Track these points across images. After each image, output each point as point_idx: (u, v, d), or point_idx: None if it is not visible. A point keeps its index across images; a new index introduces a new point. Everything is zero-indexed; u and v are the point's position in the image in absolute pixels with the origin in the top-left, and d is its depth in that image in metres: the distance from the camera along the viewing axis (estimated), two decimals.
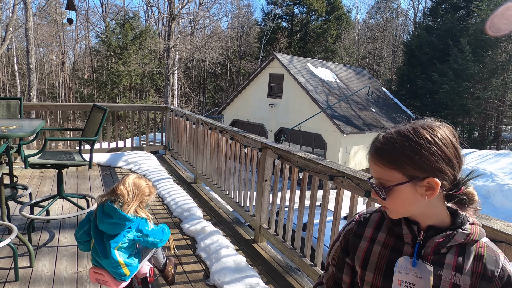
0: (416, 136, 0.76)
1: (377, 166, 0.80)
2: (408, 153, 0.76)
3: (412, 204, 0.79)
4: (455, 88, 19.28)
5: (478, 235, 0.81)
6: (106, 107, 3.00)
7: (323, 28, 31.87)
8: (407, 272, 0.82)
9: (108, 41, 26.90)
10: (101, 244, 1.83)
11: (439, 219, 0.82)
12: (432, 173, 0.76)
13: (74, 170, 5.09)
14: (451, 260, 0.80)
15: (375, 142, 0.82)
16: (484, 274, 0.79)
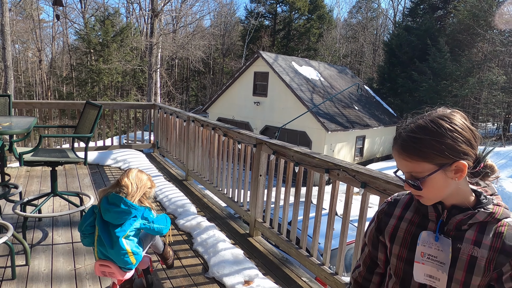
0: (437, 127, 0.84)
1: (406, 161, 0.86)
2: (434, 144, 0.83)
3: (445, 188, 0.86)
4: (433, 86, 19.88)
5: (501, 215, 0.86)
6: (101, 104, 2.99)
7: (306, 27, 32.17)
8: (430, 245, 0.90)
9: (88, 38, 26.28)
10: (107, 235, 1.89)
11: (463, 199, 0.88)
12: (458, 157, 0.83)
13: (62, 169, 5.01)
14: (471, 235, 0.86)
15: (399, 139, 0.87)
16: (503, 249, 0.83)
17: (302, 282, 2.56)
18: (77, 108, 5.60)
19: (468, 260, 0.85)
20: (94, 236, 1.97)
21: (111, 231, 1.88)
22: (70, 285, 2.35)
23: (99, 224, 1.91)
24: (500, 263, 0.83)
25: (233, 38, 37.67)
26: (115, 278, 1.99)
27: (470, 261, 0.85)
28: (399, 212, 1.00)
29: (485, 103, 19.82)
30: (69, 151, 3.12)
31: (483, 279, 0.85)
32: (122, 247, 1.88)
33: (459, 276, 0.86)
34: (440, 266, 0.88)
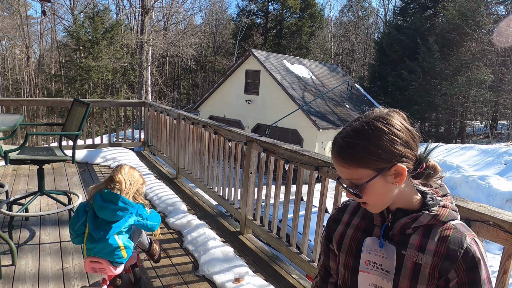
0: (372, 130, 0.79)
1: (343, 168, 0.81)
2: (369, 148, 0.78)
3: (387, 194, 0.81)
4: (423, 85, 20.13)
5: (445, 217, 0.82)
6: (89, 101, 2.94)
7: (298, 25, 32.20)
8: (374, 252, 0.85)
9: (77, 35, 25.91)
10: (99, 231, 1.89)
11: (407, 202, 0.84)
12: (396, 160, 0.79)
13: (50, 167, 4.94)
14: (415, 240, 0.82)
15: (335, 145, 0.83)
16: (447, 254, 0.78)
17: (292, 279, 2.57)
18: (66, 106, 5.52)
19: (413, 268, 0.81)
20: (84, 235, 1.96)
21: (103, 228, 1.89)
22: (57, 285, 2.32)
23: (90, 221, 1.91)
24: (445, 270, 0.79)
25: (225, 36, 37.53)
26: (105, 274, 1.99)
27: (415, 269, 0.81)
28: (346, 218, 0.96)
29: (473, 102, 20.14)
30: (56, 149, 3.07)
31: (429, 287, 0.80)
32: (115, 243, 1.91)
33: (403, 285, 0.82)
34: (385, 275, 0.84)
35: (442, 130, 22.56)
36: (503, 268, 1.45)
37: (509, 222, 1.37)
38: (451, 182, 11.06)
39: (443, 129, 22.54)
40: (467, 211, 1.52)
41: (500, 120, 24.40)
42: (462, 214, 1.54)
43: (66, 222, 3.25)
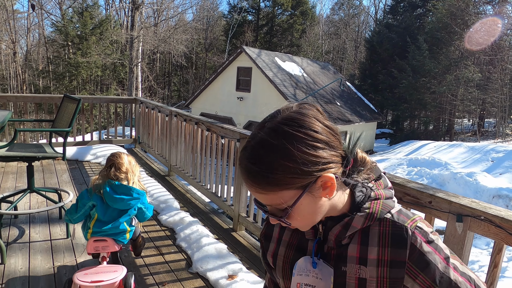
0: (285, 138, 0.61)
1: (261, 194, 0.64)
2: (287, 165, 0.61)
3: (319, 210, 0.67)
4: (413, 83, 20.36)
5: (380, 212, 0.69)
6: (80, 97, 2.90)
7: (289, 23, 32.22)
8: (307, 273, 0.72)
9: (65, 30, 25.45)
10: (110, 219, 2.07)
11: (336, 208, 0.70)
12: (320, 169, 0.63)
13: (39, 165, 4.86)
14: (353, 251, 0.69)
15: (242, 167, 0.65)
16: (392, 260, 0.67)
17: None
18: (55, 102, 5.42)
19: (357, 285, 0.69)
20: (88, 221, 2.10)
21: (115, 216, 2.07)
22: (48, 283, 2.29)
23: (100, 210, 2.05)
24: (397, 279, 0.67)
25: (216, 33, 37.33)
26: (105, 252, 2.15)
27: (360, 286, 0.69)
28: (277, 233, 0.81)
29: (461, 100, 20.46)
30: (46, 146, 3.02)
31: None
32: (124, 227, 2.11)
33: None
34: None
35: (431, 127, 22.87)
36: (494, 262, 1.48)
37: (500, 217, 1.40)
38: (439, 179, 11.23)
39: (432, 127, 22.86)
40: (459, 206, 1.54)
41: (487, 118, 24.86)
42: (454, 210, 1.56)
43: (56, 220, 3.21)
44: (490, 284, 1.49)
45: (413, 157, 13.43)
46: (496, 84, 19.71)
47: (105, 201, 2.05)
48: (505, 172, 11.06)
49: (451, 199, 1.58)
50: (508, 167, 11.27)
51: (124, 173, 2.08)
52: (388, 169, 12.10)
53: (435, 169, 11.70)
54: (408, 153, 14.85)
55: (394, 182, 1.82)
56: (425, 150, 14.79)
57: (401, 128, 23.55)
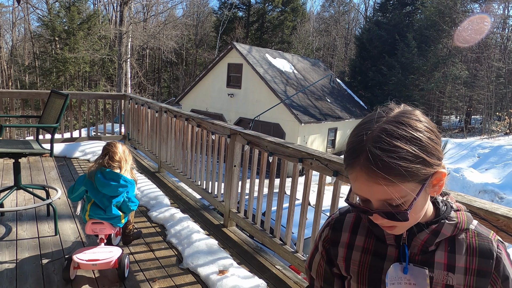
0: (413, 130, 0.63)
1: (380, 186, 0.62)
2: (417, 154, 0.62)
3: (424, 207, 0.67)
4: (402, 80, 20.60)
5: (466, 223, 0.72)
6: (67, 93, 2.85)
7: (280, 19, 32.19)
8: (399, 281, 0.71)
9: (52, 25, 24.97)
10: (103, 204, 2.24)
11: (425, 215, 0.71)
12: (437, 164, 0.64)
13: (26, 161, 4.77)
14: (441, 258, 0.70)
15: (366, 155, 0.62)
16: (479, 270, 0.70)
17: (276, 270, 2.60)
18: (42, 98, 5.32)
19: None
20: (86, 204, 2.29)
21: (106, 201, 2.23)
22: (36, 281, 2.26)
23: (93, 194, 2.22)
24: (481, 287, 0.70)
25: (206, 29, 37.08)
26: (103, 234, 2.33)
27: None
28: (347, 238, 0.79)
29: (449, 97, 20.79)
30: (33, 142, 2.97)
31: None
32: (117, 213, 2.29)
33: None
34: None
35: None
36: None
37: (484, 209, 1.44)
38: None
39: None
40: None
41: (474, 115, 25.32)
42: None
43: (44, 217, 3.16)
44: None
45: None
46: (482, 81, 20.07)
47: (95, 187, 2.21)
48: (491, 168, 11.30)
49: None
50: (494, 162, 11.52)
51: (117, 162, 2.25)
52: None
53: None
54: None
55: None
56: None
57: None
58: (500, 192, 9.57)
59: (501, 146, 12.48)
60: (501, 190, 9.67)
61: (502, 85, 19.99)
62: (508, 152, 11.69)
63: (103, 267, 2.26)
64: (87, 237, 2.85)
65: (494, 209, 1.42)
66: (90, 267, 2.26)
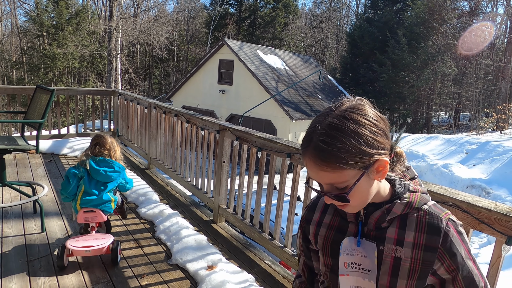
0: (353, 123, 0.71)
1: (325, 172, 0.72)
2: (355, 146, 0.70)
3: (370, 191, 0.76)
4: (392, 77, 20.77)
5: (418, 202, 0.78)
6: (53, 88, 2.81)
7: (272, 16, 32.10)
8: (352, 252, 0.81)
9: (40, 20, 24.51)
10: (95, 190, 2.37)
11: (379, 194, 0.79)
12: (378, 154, 0.73)
13: (12, 158, 4.69)
14: (392, 233, 0.78)
15: (311, 146, 0.72)
16: (426, 245, 0.76)
17: (265, 264, 2.61)
18: (28, 94, 5.23)
19: (392, 263, 0.78)
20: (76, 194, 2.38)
21: (99, 187, 2.38)
22: (22, 278, 2.23)
23: (85, 182, 2.35)
24: (428, 262, 0.76)
25: (198, 25, 36.80)
26: (94, 222, 2.47)
27: (394, 264, 0.78)
28: (317, 217, 0.91)
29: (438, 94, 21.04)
30: (19, 138, 2.92)
31: (409, 282, 0.77)
32: (108, 198, 2.43)
33: (384, 281, 0.79)
34: (366, 274, 0.80)
35: (410, 120, 23.46)
36: None
37: (466, 202, 1.46)
38: (417, 170, 11.57)
39: (411, 120, 23.45)
40: (429, 193, 1.60)
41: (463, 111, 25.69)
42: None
43: (30, 214, 3.12)
44: None
45: None
46: (471, 78, 20.35)
47: (90, 174, 2.36)
48: (479, 163, 11.49)
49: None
50: (481, 158, 11.71)
51: (107, 150, 2.42)
52: None
53: (413, 161, 12.03)
54: None
55: None
56: (403, 142, 15.16)
57: None
58: (487, 187, 9.75)
59: (489, 142, 12.69)
60: (488, 185, 9.84)
61: (490, 82, 20.30)
62: (495, 148, 11.90)
63: (96, 253, 2.36)
64: (74, 233, 2.82)
65: (476, 201, 1.45)
66: (84, 254, 2.35)
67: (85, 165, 2.36)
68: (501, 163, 10.89)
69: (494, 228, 1.38)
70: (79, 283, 2.23)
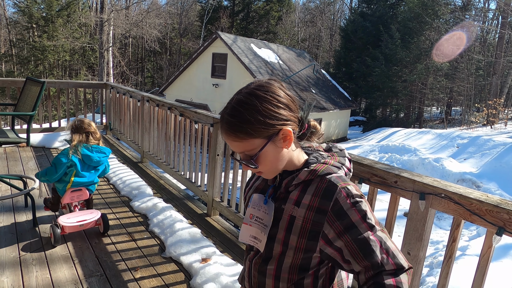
0: (256, 99, 0.82)
1: (235, 142, 0.84)
2: (257, 117, 0.81)
3: (279, 158, 0.86)
4: (385, 71, 20.83)
5: (322, 171, 0.87)
6: (44, 80, 2.76)
7: (266, 9, 31.87)
8: (259, 208, 0.92)
9: (29, 11, 24.01)
10: (87, 173, 2.62)
11: (293, 164, 0.89)
12: (282, 124, 0.83)
13: (2, 152, 4.62)
14: (294, 195, 0.87)
15: (223, 121, 0.85)
16: (318, 208, 0.83)
17: None
18: (18, 87, 5.14)
19: (288, 220, 0.87)
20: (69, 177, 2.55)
21: (90, 170, 2.63)
22: (14, 272, 2.21)
23: (79, 168, 2.55)
24: (318, 223, 0.83)
25: (191, 18, 36.42)
26: (80, 200, 2.69)
27: (290, 221, 0.87)
28: (251, 183, 1.04)
29: (430, 88, 21.20)
30: (8, 131, 2.87)
31: (300, 240, 0.85)
32: (97, 179, 2.71)
33: (280, 235, 0.88)
34: (263, 228, 0.91)
35: (402, 115, 23.61)
36: (452, 236, 1.57)
37: (459, 194, 1.48)
38: (409, 164, 11.69)
39: (403, 115, 23.60)
40: (422, 185, 1.61)
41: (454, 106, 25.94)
42: (417, 188, 1.63)
43: (22, 208, 3.09)
44: (449, 257, 1.58)
45: (385, 143, 13.85)
46: (462, 73, 20.53)
47: (82, 160, 2.55)
48: (469, 158, 11.65)
49: (415, 179, 1.65)
50: (472, 152, 11.87)
51: (98, 140, 2.64)
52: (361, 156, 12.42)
53: (405, 155, 12.14)
54: (380, 140, 15.30)
55: (363, 164, 1.87)
56: (396, 137, 15.28)
57: (374, 116, 24.14)
58: (477, 181, 9.89)
59: (479, 136, 12.85)
60: (478, 179, 9.98)
61: (481, 77, 20.50)
62: (485, 142, 12.06)
63: (89, 226, 2.60)
64: None
65: (468, 193, 1.47)
66: (78, 228, 2.58)
67: (77, 153, 2.52)
68: (491, 157, 11.05)
69: (485, 219, 1.40)
70: (72, 276, 2.22)
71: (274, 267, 0.91)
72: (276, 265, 0.91)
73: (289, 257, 0.88)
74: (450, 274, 1.59)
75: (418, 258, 1.65)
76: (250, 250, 1.00)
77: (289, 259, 0.89)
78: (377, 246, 0.80)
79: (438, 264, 5.76)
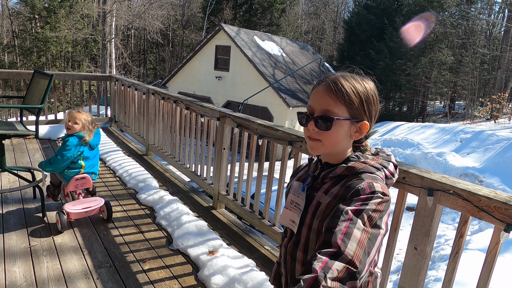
0: (368, 85, 0.92)
1: (330, 98, 0.89)
2: (359, 95, 0.90)
3: (343, 140, 0.91)
4: (389, 65, 20.69)
5: (359, 169, 0.90)
6: (52, 73, 2.77)
7: (269, 2, 31.56)
8: (298, 194, 1.00)
9: (32, 2, 23.92)
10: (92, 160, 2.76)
11: (337, 157, 0.95)
12: (366, 117, 0.91)
13: (9, 144, 4.66)
14: (326, 185, 0.94)
15: (331, 80, 0.91)
16: (341, 195, 0.87)
17: (264, 250, 2.66)
18: (23, 78, 5.16)
19: (315, 205, 0.93)
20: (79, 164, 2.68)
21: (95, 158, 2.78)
22: (25, 262, 2.25)
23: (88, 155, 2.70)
24: (335, 206, 0.86)
25: (194, 9, 36.15)
26: (83, 188, 2.76)
27: (316, 206, 0.93)
28: (296, 173, 1.11)
29: (434, 82, 21.05)
30: (17, 123, 2.90)
31: (320, 224, 0.90)
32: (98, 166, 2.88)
33: (308, 219, 0.94)
34: (299, 212, 0.98)
35: (405, 109, 23.51)
36: (460, 232, 1.58)
37: (467, 190, 1.49)
38: (412, 158, 11.68)
39: (406, 108, 23.50)
40: (430, 181, 1.62)
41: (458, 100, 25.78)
42: (426, 185, 1.65)
43: (30, 199, 3.13)
44: (455, 253, 1.60)
45: (388, 137, 13.83)
46: (467, 67, 20.36)
47: (90, 147, 2.69)
48: (472, 152, 11.62)
49: (423, 175, 1.66)
50: (475, 147, 11.84)
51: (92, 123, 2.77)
52: None
53: (408, 149, 12.13)
54: (383, 134, 15.26)
55: None
56: (398, 131, 15.24)
57: None
58: (480, 176, 9.88)
59: (483, 131, 12.80)
60: (481, 173, 9.98)
61: (486, 71, 20.33)
62: (489, 137, 12.01)
63: (93, 213, 2.72)
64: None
65: (476, 190, 1.48)
66: (83, 215, 2.69)
67: (85, 143, 2.66)
68: (494, 152, 11.02)
69: (494, 216, 1.42)
70: (82, 267, 2.26)
71: (302, 253, 0.96)
72: (303, 250, 0.96)
73: (313, 241, 0.93)
74: (457, 269, 1.61)
75: (425, 253, 1.67)
76: (284, 237, 1.06)
77: (312, 244, 0.93)
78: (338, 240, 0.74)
79: (440, 258, 5.80)
